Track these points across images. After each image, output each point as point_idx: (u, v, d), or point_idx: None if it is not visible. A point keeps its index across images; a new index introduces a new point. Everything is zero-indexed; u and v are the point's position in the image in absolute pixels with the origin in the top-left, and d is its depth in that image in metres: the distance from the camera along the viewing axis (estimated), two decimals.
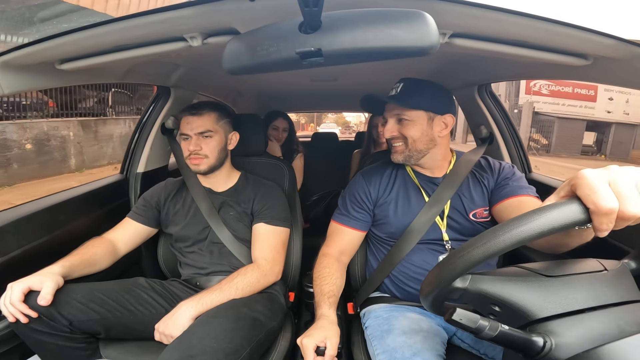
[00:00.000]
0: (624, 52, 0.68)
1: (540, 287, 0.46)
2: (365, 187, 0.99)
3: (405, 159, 0.93)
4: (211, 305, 0.86)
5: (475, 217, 0.91)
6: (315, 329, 0.76)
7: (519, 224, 0.40)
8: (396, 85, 0.93)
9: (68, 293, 0.81)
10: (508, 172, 0.94)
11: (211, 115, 1.06)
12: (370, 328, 0.87)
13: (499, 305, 0.47)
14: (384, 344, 0.78)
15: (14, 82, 0.78)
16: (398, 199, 0.96)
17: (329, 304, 0.84)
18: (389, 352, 0.75)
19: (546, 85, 12.93)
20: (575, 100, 13.16)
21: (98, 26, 0.66)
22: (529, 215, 0.40)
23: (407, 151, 0.92)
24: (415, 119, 0.90)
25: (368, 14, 0.51)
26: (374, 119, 2.06)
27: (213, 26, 0.68)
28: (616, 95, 13.32)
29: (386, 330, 0.81)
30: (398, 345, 0.75)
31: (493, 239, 0.42)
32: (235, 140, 1.13)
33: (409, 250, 0.91)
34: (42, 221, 0.98)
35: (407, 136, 0.90)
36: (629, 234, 0.84)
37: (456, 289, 0.48)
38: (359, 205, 0.98)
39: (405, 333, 0.78)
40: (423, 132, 0.90)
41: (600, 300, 0.44)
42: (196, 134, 1.03)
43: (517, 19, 0.62)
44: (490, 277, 0.48)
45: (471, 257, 0.43)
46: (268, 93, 2.28)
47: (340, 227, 0.99)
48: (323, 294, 0.87)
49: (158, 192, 1.13)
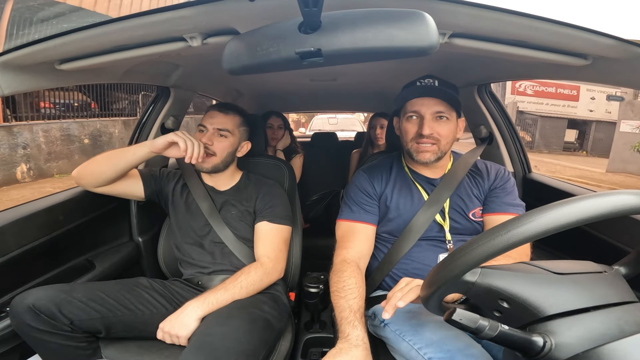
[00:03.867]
0: (623, 52, 0.68)
1: (550, 284, 0.46)
2: (369, 181, 0.99)
3: (433, 156, 0.89)
4: (217, 304, 0.87)
5: (474, 217, 0.92)
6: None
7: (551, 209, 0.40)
8: (427, 80, 0.89)
9: (69, 292, 0.82)
10: (500, 181, 0.94)
11: (236, 117, 1.08)
12: (394, 324, 0.82)
13: (508, 300, 0.46)
14: (423, 337, 0.74)
15: (13, 82, 0.78)
16: (400, 194, 0.96)
17: (363, 325, 0.72)
18: (436, 344, 0.70)
19: (531, 86, 13.63)
20: (558, 100, 13.91)
21: (98, 26, 0.66)
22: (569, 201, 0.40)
23: (439, 152, 0.89)
24: (450, 117, 0.89)
25: (368, 14, 0.51)
26: (373, 120, 2.06)
27: (213, 26, 0.68)
28: (598, 95, 14.07)
29: (417, 324, 0.77)
30: (442, 337, 0.71)
31: (505, 233, 0.42)
32: (246, 149, 1.14)
33: (408, 248, 0.91)
34: (42, 221, 0.98)
35: (443, 135, 0.88)
36: (629, 234, 0.84)
37: (465, 282, 0.47)
38: (368, 198, 0.97)
39: (444, 325, 0.70)
40: (452, 131, 0.89)
41: (604, 300, 0.44)
42: (214, 128, 1.04)
43: (517, 19, 0.62)
44: (500, 271, 0.48)
45: (489, 249, 0.42)
46: (268, 93, 2.28)
47: (353, 224, 0.93)
48: (353, 311, 0.74)
49: (167, 172, 1.17)
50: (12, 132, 5.26)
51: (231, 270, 1.01)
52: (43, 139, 5.72)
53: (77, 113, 6.47)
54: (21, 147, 5.40)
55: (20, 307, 0.77)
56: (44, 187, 5.23)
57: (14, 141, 5.30)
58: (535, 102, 13.81)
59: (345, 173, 2.29)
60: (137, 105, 7.87)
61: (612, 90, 13.61)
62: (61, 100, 6.24)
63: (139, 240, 1.31)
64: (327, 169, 2.49)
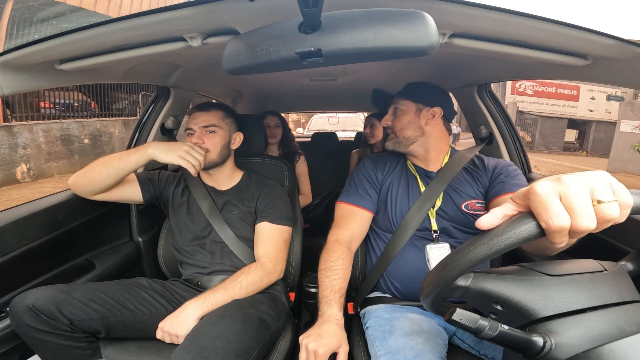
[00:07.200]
0: (624, 52, 0.68)
1: (543, 286, 0.46)
2: (373, 167, 1.03)
3: (395, 145, 0.99)
4: (216, 304, 0.87)
5: (467, 209, 0.93)
6: (328, 336, 0.71)
7: (473, 245, 0.42)
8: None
9: (69, 292, 0.82)
10: (502, 168, 0.95)
11: (218, 112, 1.08)
12: (372, 328, 0.86)
13: (501, 303, 0.46)
14: (386, 345, 0.77)
15: (13, 82, 0.78)
16: (400, 184, 0.99)
17: (339, 304, 0.79)
18: (391, 354, 0.74)
19: (531, 86, 13.73)
20: (558, 100, 14.01)
21: (98, 26, 0.66)
22: (487, 235, 0.41)
23: (395, 138, 0.99)
24: (406, 110, 0.98)
25: (368, 14, 0.51)
26: (369, 119, 2.06)
27: (213, 26, 0.68)
28: (598, 95, 14.15)
29: (388, 331, 0.81)
30: (400, 346, 0.75)
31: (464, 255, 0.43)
32: (239, 140, 1.14)
33: (403, 244, 0.92)
34: (42, 221, 0.98)
35: (397, 124, 0.99)
36: (629, 234, 0.84)
37: (458, 287, 0.48)
38: (369, 184, 1.00)
39: (407, 334, 0.78)
40: (410, 121, 0.97)
41: (601, 300, 0.44)
42: (200, 127, 1.04)
43: (517, 19, 0.62)
44: (492, 275, 0.48)
45: (478, 254, 0.43)
46: (267, 93, 2.28)
47: (351, 207, 0.98)
48: (334, 291, 0.80)
49: (166, 176, 1.16)
50: (12, 132, 5.26)
51: (231, 270, 1.01)
52: (43, 139, 5.73)
53: (77, 113, 6.49)
54: (21, 147, 5.41)
55: (20, 307, 0.77)
56: (44, 187, 5.24)
57: (14, 141, 5.30)
58: (535, 102, 13.90)
59: (345, 173, 2.29)
60: (137, 105, 7.90)
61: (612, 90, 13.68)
62: (61, 100, 6.27)
63: (139, 241, 1.31)
64: (327, 169, 2.49)
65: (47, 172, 5.82)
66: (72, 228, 1.06)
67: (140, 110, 7.95)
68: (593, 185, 0.36)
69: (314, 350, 0.68)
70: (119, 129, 7.26)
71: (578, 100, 14.01)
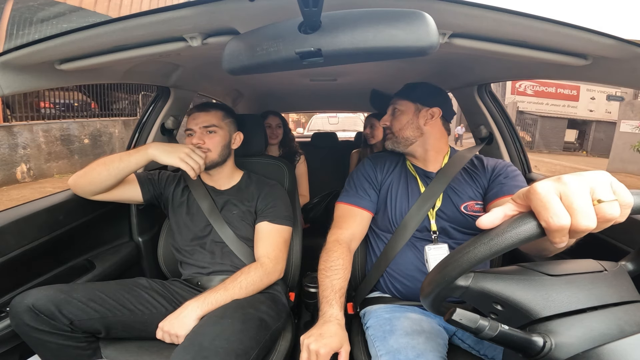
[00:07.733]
0: (624, 52, 0.68)
1: (543, 286, 0.46)
2: (373, 168, 1.03)
3: (394, 144, 0.99)
4: (216, 304, 0.87)
5: (466, 210, 0.93)
6: (329, 336, 0.70)
7: (473, 245, 0.42)
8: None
9: (69, 292, 0.82)
10: (501, 169, 0.95)
11: (217, 112, 1.08)
12: (372, 328, 0.86)
13: (501, 303, 0.46)
14: (386, 344, 0.77)
15: (13, 82, 0.78)
16: (399, 185, 0.99)
17: (340, 304, 0.79)
18: (392, 353, 0.73)
19: (531, 86, 13.75)
20: (558, 100, 14.02)
21: (98, 26, 0.66)
22: (487, 235, 0.41)
23: (394, 137, 0.99)
24: (405, 110, 0.98)
25: (368, 14, 0.51)
26: (369, 120, 2.06)
27: (213, 26, 0.68)
28: (598, 95, 14.17)
29: (388, 331, 0.81)
30: (401, 346, 0.75)
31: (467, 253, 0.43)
32: (240, 140, 1.14)
33: (402, 244, 0.92)
34: (42, 221, 0.98)
35: (395, 124, 0.99)
36: (629, 234, 0.84)
37: (458, 287, 0.48)
38: (369, 185, 1.00)
39: (408, 334, 0.78)
40: (409, 121, 0.97)
41: (601, 300, 0.44)
42: (201, 127, 1.05)
43: (517, 19, 0.62)
44: (492, 275, 0.48)
45: (478, 254, 0.43)
46: (267, 93, 2.28)
47: (351, 207, 0.98)
48: (334, 290, 0.80)
49: (166, 176, 1.16)
50: (12, 132, 5.27)
51: (231, 271, 1.01)
52: (43, 139, 5.74)
53: (77, 113, 6.51)
54: (21, 147, 5.41)
55: (20, 307, 0.77)
56: (44, 187, 5.24)
57: (14, 141, 5.30)
58: (535, 102, 13.91)
59: (345, 173, 2.29)
60: (137, 105, 7.91)
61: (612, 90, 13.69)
62: (61, 100, 6.28)
63: (139, 241, 1.31)
64: (327, 169, 2.49)
65: (47, 172, 5.83)
66: (72, 228, 1.06)
67: (140, 110, 7.95)
68: (593, 184, 0.36)
69: (315, 351, 0.68)
70: (119, 129, 7.27)
71: (578, 100, 14.03)
